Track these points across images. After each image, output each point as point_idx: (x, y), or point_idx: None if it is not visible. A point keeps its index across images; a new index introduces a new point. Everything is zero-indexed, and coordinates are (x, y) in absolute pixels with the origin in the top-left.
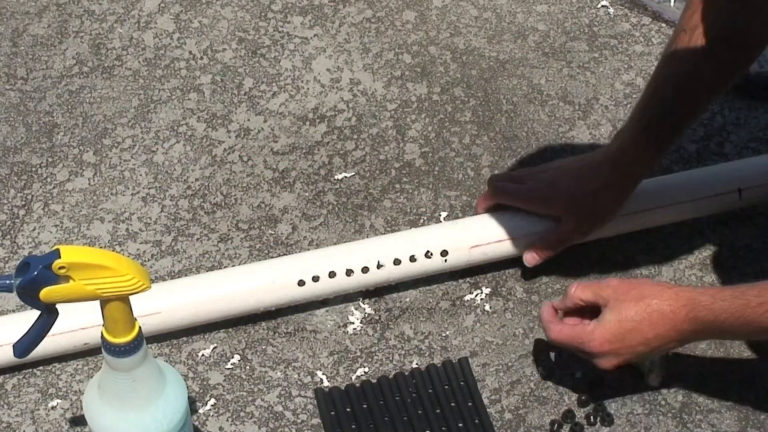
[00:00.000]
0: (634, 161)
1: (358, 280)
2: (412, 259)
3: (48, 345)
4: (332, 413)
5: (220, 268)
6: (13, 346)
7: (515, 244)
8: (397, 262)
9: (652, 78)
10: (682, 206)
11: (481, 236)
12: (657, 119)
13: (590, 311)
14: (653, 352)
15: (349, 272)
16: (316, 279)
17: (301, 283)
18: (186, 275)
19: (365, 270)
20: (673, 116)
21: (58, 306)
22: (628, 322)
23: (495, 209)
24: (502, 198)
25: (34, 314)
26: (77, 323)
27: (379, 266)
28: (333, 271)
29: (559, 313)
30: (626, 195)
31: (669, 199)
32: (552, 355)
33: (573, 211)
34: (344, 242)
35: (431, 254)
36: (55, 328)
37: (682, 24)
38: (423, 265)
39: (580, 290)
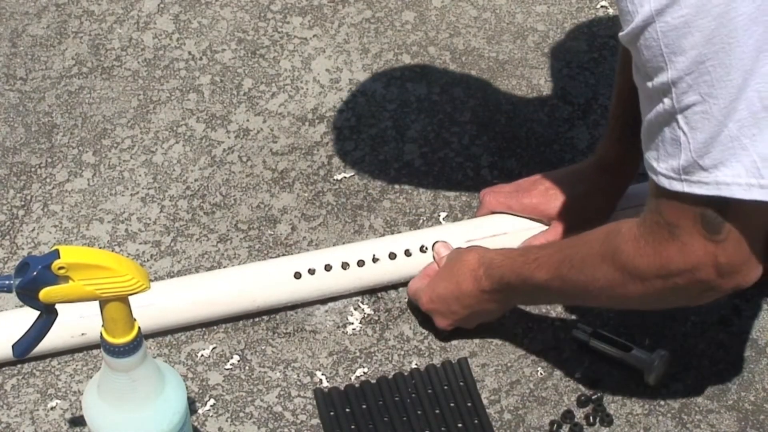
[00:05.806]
0: (617, 164)
1: (355, 276)
2: (407, 253)
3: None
4: (331, 414)
5: (219, 269)
6: (13, 346)
7: (509, 239)
8: (392, 255)
9: (614, 84)
10: None
11: (475, 232)
12: (630, 121)
13: None
14: (474, 314)
15: (344, 265)
16: (312, 272)
17: (297, 275)
18: (185, 276)
19: (361, 263)
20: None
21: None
22: (441, 283)
23: None
24: (496, 207)
25: (30, 311)
26: (75, 313)
27: (375, 260)
28: (329, 264)
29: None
30: (615, 199)
31: None
32: (552, 355)
33: (563, 216)
34: (343, 243)
35: (426, 248)
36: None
37: None
38: (419, 261)
39: (443, 248)
